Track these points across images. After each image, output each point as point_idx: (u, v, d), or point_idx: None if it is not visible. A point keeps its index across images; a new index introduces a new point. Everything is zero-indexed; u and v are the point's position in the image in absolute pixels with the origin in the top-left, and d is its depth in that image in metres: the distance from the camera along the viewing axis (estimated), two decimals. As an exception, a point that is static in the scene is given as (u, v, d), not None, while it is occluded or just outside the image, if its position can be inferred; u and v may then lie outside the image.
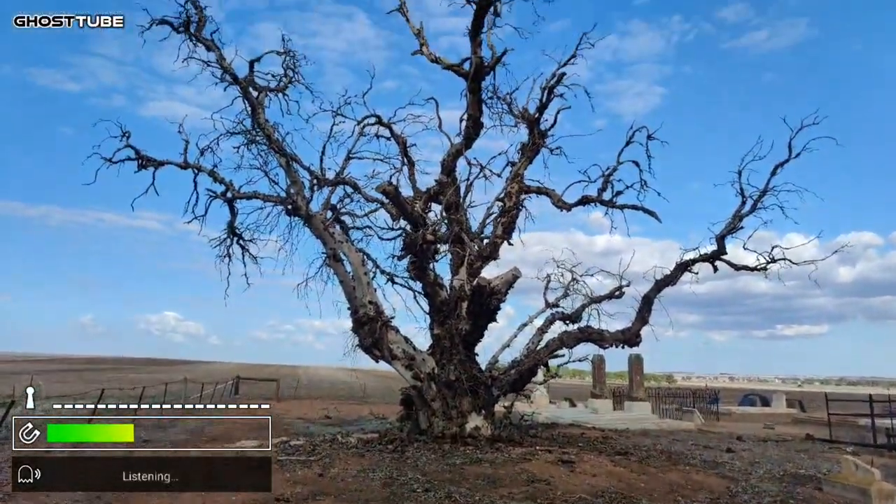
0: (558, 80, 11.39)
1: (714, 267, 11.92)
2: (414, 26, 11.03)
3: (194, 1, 11.07)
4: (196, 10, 11.11)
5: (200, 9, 11.13)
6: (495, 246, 12.29)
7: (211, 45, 11.27)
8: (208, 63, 11.27)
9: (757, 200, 11.48)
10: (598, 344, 12.34)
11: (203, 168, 11.74)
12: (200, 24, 11.21)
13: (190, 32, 11.12)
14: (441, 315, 11.79)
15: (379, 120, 12.03)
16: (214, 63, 11.30)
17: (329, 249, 12.17)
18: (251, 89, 11.63)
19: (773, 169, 11.30)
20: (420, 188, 12.22)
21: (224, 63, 11.31)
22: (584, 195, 12.23)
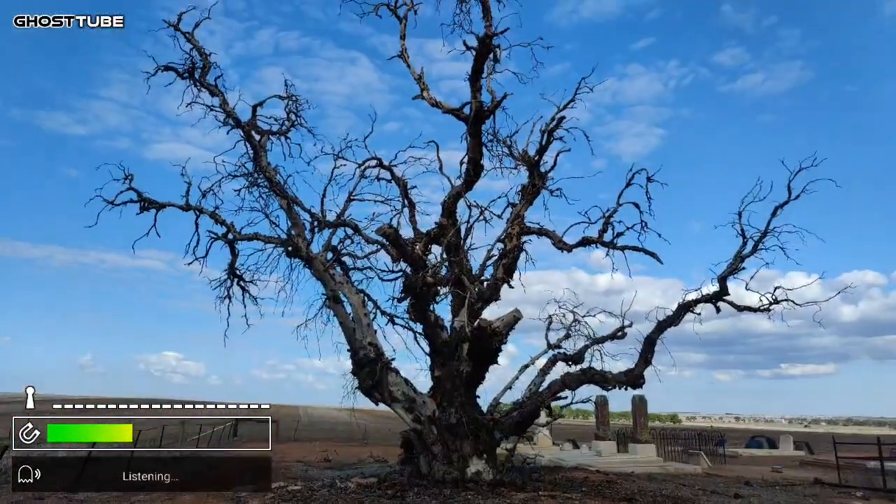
0: (557, 123, 11.54)
1: (717, 308, 11.86)
2: (415, 72, 11.23)
3: (199, 48, 11.32)
4: (201, 57, 11.35)
5: (205, 56, 11.38)
6: (496, 287, 12.25)
7: (215, 90, 11.48)
8: (212, 107, 11.46)
9: (758, 241, 11.51)
10: (600, 385, 12.18)
11: (205, 210, 11.80)
12: (205, 70, 11.44)
13: (194, 78, 11.34)
14: (442, 357, 11.69)
15: (380, 162, 12.15)
16: (218, 108, 11.49)
17: (329, 291, 12.13)
18: (254, 133, 11.79)
19: (774, 210, 11.36)
20: (420, 230, 12.26)
21: (227, 108, 11.48)
22: (584, 236, 12.25)
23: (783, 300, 11.55)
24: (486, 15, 10.47)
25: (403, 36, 11.18)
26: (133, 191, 11.28)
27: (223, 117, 11.56)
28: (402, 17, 11.09)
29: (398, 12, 11.09)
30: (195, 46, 11.37)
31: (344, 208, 12.57)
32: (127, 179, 11.17)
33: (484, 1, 10.44)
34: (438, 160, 12.25)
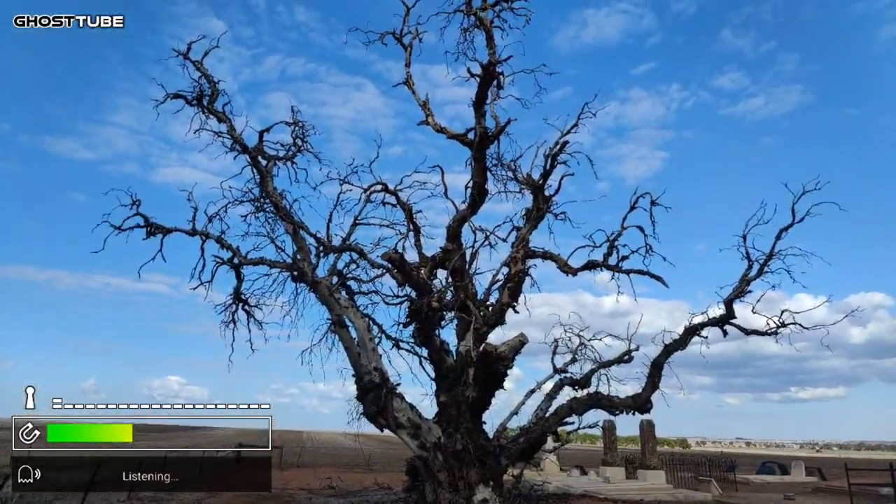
0: (561, 147, 11.62)
1: (723, 331, 11.79)
2: (420, 98, 11.37)
3: (208, 76, 11.50)
4: (209, 85, 11.53)
5: (214, 83, 11.56)
6: (501, 311, 12.22)
7: (222, 116, 11.63)
8: (219, 134, 11.60)
9: (763, 264, 11.48)
10: (608, 410, 12.08)
11: (211, 235, 11.87)
12: (213, 97, 11.61)
13: (203, 105, 11.50)
14: (447, 382, 11.61)
15: (385, 187, 12.22)
16: (225, 134, 11.63)
17: (334, 315, 12.12)
18: (260, 158, 11.90)
19: (778, 233, 11.35)
20: (426, 254, 12.29)
21: (234, 133, 11.62)
22: (589, 260, 12.25)
23: (790, 323, 11.49)
24: (489, 43, 10.63)
25: (408, 63, 11.36)
26: (140, 216, 11.36)
27: (230, 143, 11.69)
28: (408, 46, 11.29)
29: (403, 40, 11.30)
30: (204, 74, 11.56)
31: (349, 232, 12.61)
32: (134, 205, 11.26)
33: (487, 29, 10.61)
34: (443, 184, 12.32)
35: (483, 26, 10.68)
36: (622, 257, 12.08)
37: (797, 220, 11.24)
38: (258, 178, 12.00)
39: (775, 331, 11.61)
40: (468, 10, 10.83)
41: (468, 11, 10.83)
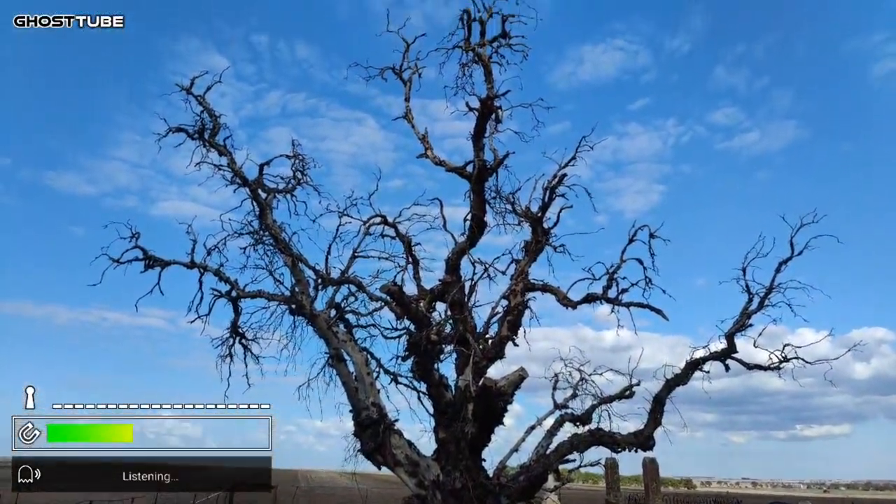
0: (559, 180, 11.68)
1: (726, 366, 11.65)
2: (419, 131, 11.47)
3: (210, 110, 11.67)
4: (211, 119, 11.69)
5: (215, 117, 11.73)
6: (501, 345, 12.10)
7: (223, 150, 11.76)
8: (220, 167, 11.72)
9: (764, 298, 11.41)
10: (609, 447, 11.85)
11: (209, 267, 11.86)
12: (215, 130, 11.77)
13: (204, 138, 11.64)
14: (446, 418, 11.43)
15: (384, 220, 12.24)
16: (226, 167, 11.74)
17: (332, 349, 12.03)
18: (260, 191, 11.98)
19: (778, 266, 11.30)
20: (425, 287, 12.22)
21: (235, 167, 11.72)
22: (589, 293, 12.18)
23: (793, 358, 11.36)
24: (487, 78, 10.78)
25: (408, 98, 11.50)
26: (139, 249, 11.39)
27: (230, 176, 11.80)
28: (407, 80, 11.46)
29: (403, 75, 11.47)
30: (206, 108, 11.74)
31: (348, 265, 12.61)
32: (133, 237, 11.30)
33: (485, 64, 10.77)
34: (442, 217, 12.33)
35: (481, 62, 10.85)
36: (622, 290, 12.02)
37: (796, 254, 11.21)
38: (258, 211, 12.06)
39: (778, 365, 11.47)
40: (467, 47, 11.01)
41: (467, 48, 11.01)
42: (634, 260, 11.94)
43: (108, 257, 11.10)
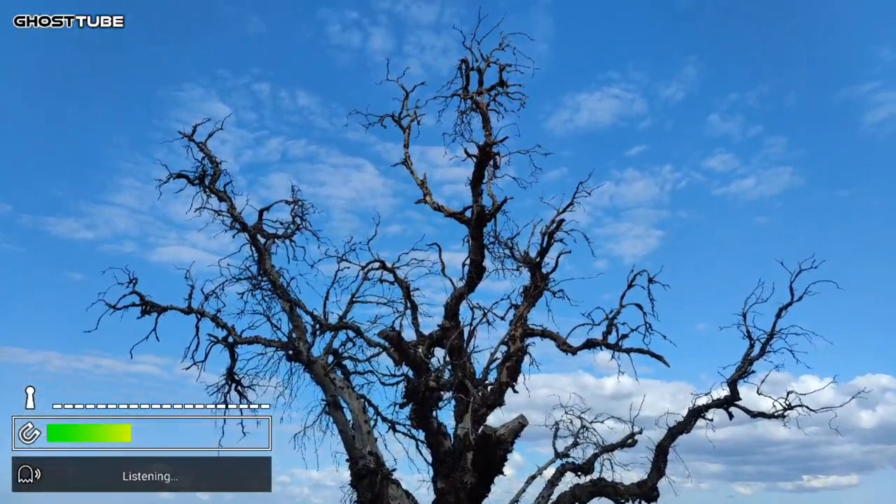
0: (557, 226, 11.74)
1: (729, 414, 11.49)
2: (418, 177, 11.61)
3: (211, 157, 11.83)
4: (212, 165, 11.85)
5: (216, 163, 11.89)
6: (500, 392, 11.93)
7: (223, 195, 11.87)
8: (219, 212, 11.81)
9: (765, 344, 11.32)
10: (612, 498, 11.57)
11: (206, 313, 11.81)
12: (215, 176, 11.93)
13: (204, 184, 11.77)
14: (445, 467, 11.18)
15: (383, 265, 12.23)
16: (225, 212, 11.84)
17: (329, 396, 11.87)
18: (259, 236, 12.04)
19: (778, 312, 11.25)
20: (423, 332, 12.12)
21: (234, 212, 11.82)
22: (588, 339, 12.06)
23: (797, 405, 11.20)
24: (485, 125, 10.98)
25: (407, 144, 11.68)
26: (136, 294, 11.36)
27: (230, 221, 11.89)
28: (406, 127, 11.67)
29: (402, 122, 11.70)
30: (207, 155, 11.91)
31: (346, 310, 12.56)
32: (131, 283, 11.29)
33: (483, 112, 10.99)
34: (441, 262, 12.32)
35: (479, 109, 11.07)
36: (622, 336, 11.91)
37: (796, 299, 11.17)
38: (256, 256, 12.10)
39: (782, 413, 11.30)
40: (465, 94, 11.26)
41: (465, 95, 11.26)
42: (634, 305, 11.89)
43: (105, 303, 11.06)
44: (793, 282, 11.19)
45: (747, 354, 11.52)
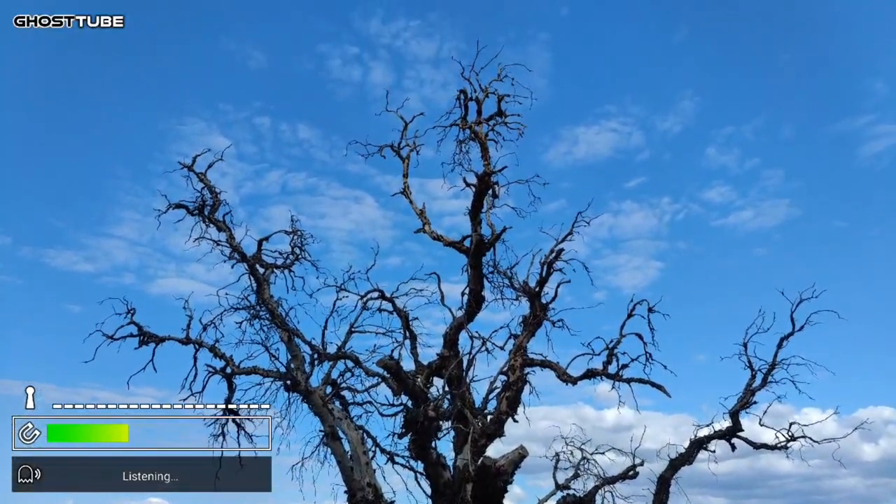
0: (557, 255, 11.70)
1: (731, 445, 11.38)
2: (417, 207, 11.64)
3: (211, 187, 11.87)
4: (212, 195, 11.87)
5: (216, 193, 11.91)
6: (500, 422, 11.82)
7: (223, 225, 11.89)
8: (218, 242, 11.82)
9: (767, 374, 11.26)
10: (614, 531, 11.42)
11: (204, 344, 11.77)
12: (215, 207, 11.95)
13: (204, 214, 11.79)
14: (444, 499, 11.06)
15: (382, 294, 12.21)
16: (224, 242, 11.84)
17: (327, 427, 11.76)
18: (258, 266, 12.03)
19: (779, 342, 11.21)
20: (422, 362, 12.06)
21: (233, 242, 11.83)
22: (588, 368, 11.96)
23: (800, 437, 11.12)
24: (484, 154, 11.03)
25: (406, 174, 11.74)
26: (134, 325, 11.34)
27: (229, 252, 11.88)
28: (405, 158, 11.73)
29: (401, 153, 11.75)
30: (206, 185, 11.95)
31: (345, 340, 12.48)
32: (129, 314, 11.27)
33: (482, 142, 11.05)
34: (440, 292, 12.29)
35: (478, 139, 11.13)
36: (622, 366, 11.81)
37: (797, 329, 11.14)
38: (255, 286, 12.07)
39: (785, 445, 11.21)
40: (463, 125, 11.32)
41: (463, 125, 11.32)
42: (634, 335, 11.81)
43: (103, 334, 11.03)
44: (794, 311, 11.17)
45: (749, 385, 11.44)
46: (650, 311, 11.74)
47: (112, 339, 11.08)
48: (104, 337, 11.00)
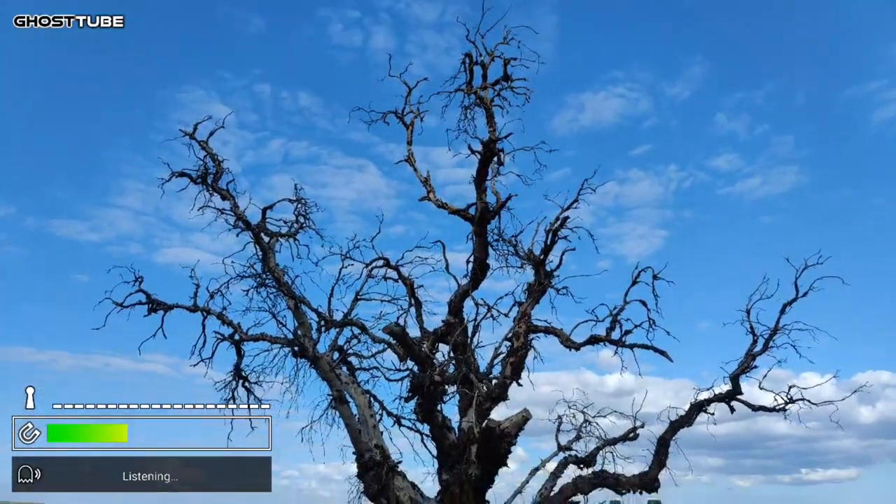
0: (562, 223, 11.66)
1: (731, 408, 11.59)
2: (421, 174, 11.51)
3: (213, 155, 11.75)
4: (214, 163, 11.77)
5: (218, 161, 11.80)
6: (504, 386, 12.02)
7: (226, 194, 11.82)
8: (223, 211, 11.77)
9: (768, 339, 11.35)
10: (614, 489, 11.77)
11: (212, 311, 11.87)
12: (218, 175, 11.83)
13: (207, 183, 11.71)
14: (449, 460, 11.37)
15: (387, 262, 12.26)
16: (229, 211, 11.79)
17: (335, 391, 11.99)
18: (263, 235, 12.02)
19: (782, 308, 11.27)
20: (427, 329, 12.22)
21: (238, 211, 11.78)
22: (592, 335, 12.07)
23: (798, 399, 11.30)
24: (489, 120, 10.83)
25: (410, 141, 11.56)
26: (142, 292, 11.43)
27: (233, 220, 11.85)
28: (409, 124, 11.52)
29: (405, 119, 11.53)
30: (209, 153, 11.81)
31: (351, 308, 12.62)
32: (136, 282, 11.35)
33: (487, 107, 10.83)
34: (445, 259, 12.32)
35: (483, 105, 10.90)
36: (625, 332, 11.90)
37: (801, 295, 11.18)
38: (260, 255, 12.10)
39: (783, 407, 11.42)
40: (469, 90, 11.06)
41: (469, 91, 11.06)
42: (638, 301, 11.85)
43: (112, 301, 11.14)
44: (798, 278, 11.19)
45: (750, 350, 11.57)
46: (655, 279, 11.76)
47: (121, 307, 11.20)
48: (113, 305, 11.13)
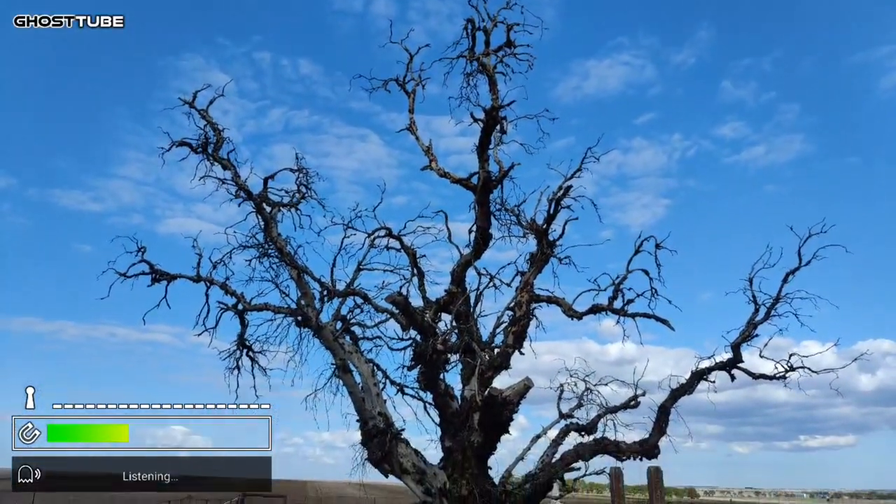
0: (565, 192, 11.61)
1: (731, 376, 11.63)
2: (423, 143, 11.47)
3: (213, 124, 11.71)
4: (214, 132, 11.74)
5: (219, 131, 11.79)
6: (506, 355, 12.07)
7: (227, 163, 11.80)
8: (224, 181, 11.76)
9: (770, 308, 11.37)
10: (615, 456, 11.84)
11: (215, 281, 11.91)
12: (218, 144, 11.81)
13: (208, 152, 11.69)
14: (452, 427, 11.44)
15: (389, 232, 12.26)
16: (230, 181, 11.79)
17: (338, 360, 12.06)
18: (265, 205, 12.02)
19: (785, 276, 11.27)
20: (430, 298, 12.23)
21: (239, 180, 11.78)
22: (594, 304, 12.10)
23: (798, 367, 11.33)
24: (492, 88, 10.78)
25: (412, 109, 11.50)
26: (145, 262, 11.46)
27: (235, 190, 11.84)
28: (411, 92, 11.45)
29: (406, 87, 11.46)
30: (209, 122, 11.79)
31: (353, 277, 12.64)
32: (140, 252, 11.36)
33: (490, 74, 10.78)
34: (447, 229, 12.33)
35: (486, 72, 10.84)
36: (627, 301, 11.92)
37: (804, 264, 11.17)
38: (262, 225, 12.11)
39: (784, 375, 11.45)
40: (471, 56, 10.98)
41: (471, 57, 10.98)
42: (640, 271, 11.86)
43: (116, 272, 11.16)
44: (801, 246, 11.16)
45: (752, 318, 11.58)
46: (657, 248, 11.75)
47: (125, 277, 11.22)
48: (117, 275, 11.15)
